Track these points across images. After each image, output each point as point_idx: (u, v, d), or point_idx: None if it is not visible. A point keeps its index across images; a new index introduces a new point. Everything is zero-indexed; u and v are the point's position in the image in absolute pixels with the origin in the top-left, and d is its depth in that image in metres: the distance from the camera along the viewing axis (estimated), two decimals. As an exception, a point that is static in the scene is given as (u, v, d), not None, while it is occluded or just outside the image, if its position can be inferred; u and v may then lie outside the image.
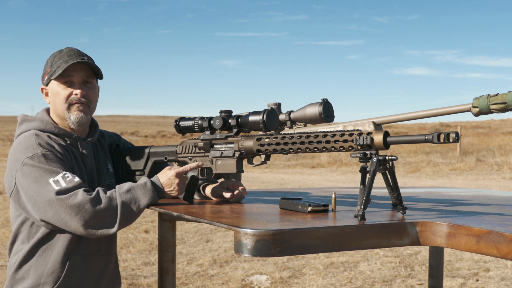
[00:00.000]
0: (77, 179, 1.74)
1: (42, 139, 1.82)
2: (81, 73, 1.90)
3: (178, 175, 1.83)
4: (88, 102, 1.92)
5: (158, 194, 1.80)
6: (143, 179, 1.81)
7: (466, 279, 4.55)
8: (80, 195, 1.68)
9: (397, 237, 1.41)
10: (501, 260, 4.93)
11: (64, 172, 1.74)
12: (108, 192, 1.73)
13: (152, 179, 1.82)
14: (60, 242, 1.84)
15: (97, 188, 1.73)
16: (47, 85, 1.94)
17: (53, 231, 1.83)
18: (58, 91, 1.90)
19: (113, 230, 1.71)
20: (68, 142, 1.91)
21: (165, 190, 1.82)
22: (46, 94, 1.96)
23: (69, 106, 1.89)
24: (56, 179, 1.71)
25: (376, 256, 5.25)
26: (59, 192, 1.69)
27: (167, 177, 1.82)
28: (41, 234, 1.84)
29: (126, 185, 1.77)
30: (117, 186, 1.77)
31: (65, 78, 1.88)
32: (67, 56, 1.89)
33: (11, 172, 1.81)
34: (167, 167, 1.87)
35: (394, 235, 1.40)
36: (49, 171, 1.73)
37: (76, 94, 1.89)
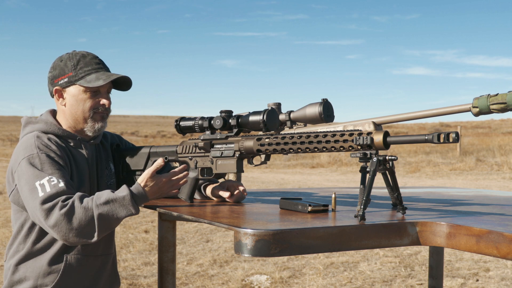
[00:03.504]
0: (61, 184, 1.71)
1: (42, 140, 1.83)
2: (108, 83, 1.94)
3: (152, 174, 1.78)
4: (109, 112, 1.96)
5: (139, 203, 1.75)
6: (123, 191, 1.73)
7: (466, 279, 4.55)
8: (55, 213, 1.66)
9: (397, 237, 1.41)
10: (501, 260, 4.94)
11: (49, 176, 1.72)
12: (85, 201, 1.68)
13: (132, 188, 1.75)
14: (56, 243, 1.84)
15: (74, 197, 1.69)
16: (64, 87, 1.92)
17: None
18: (84, 98, 1.90)
19: (93, 240, 1.69)
20: (71, 144, 1.92)
21: (149, 195, 1.77)
22: (60, 96, 1.93)
23: (94, 114, 1.91)
24: (42, 182, 1.71)
25: (376, 256, 5.25)
26: (43, 202, 1.67)
27: (144, 180, 1.77)
28: (38, 235, 1.84)
29: (104, 195, 1.71)
30: (95, 195, 1.71)
31: (94, 87, 1.89)
32: (95, 64, 1.92)
33: (11, 173, 1.84)
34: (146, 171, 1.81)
35: (394, 235, 1.40)
36: (36, 174, 1.73)
37: (104, 105, 1.93)
